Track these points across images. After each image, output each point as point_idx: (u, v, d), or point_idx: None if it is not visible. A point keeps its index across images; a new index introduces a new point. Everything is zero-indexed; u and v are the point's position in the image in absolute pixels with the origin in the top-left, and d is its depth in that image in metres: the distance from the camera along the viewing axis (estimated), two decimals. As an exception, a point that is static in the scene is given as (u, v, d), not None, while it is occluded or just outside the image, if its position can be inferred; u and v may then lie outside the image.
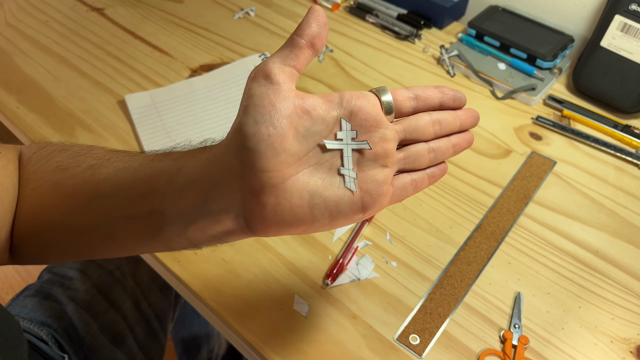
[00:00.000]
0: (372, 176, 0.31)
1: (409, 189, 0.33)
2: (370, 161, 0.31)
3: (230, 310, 0.47)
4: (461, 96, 0.33)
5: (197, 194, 0.31)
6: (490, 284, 0.49)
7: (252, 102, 0.29)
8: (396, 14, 0.81)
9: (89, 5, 0.85)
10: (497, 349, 0.45)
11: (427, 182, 0.33)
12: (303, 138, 0.29)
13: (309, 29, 0.29)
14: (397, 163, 0.32)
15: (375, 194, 0.30)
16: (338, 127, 0.30)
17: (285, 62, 0.29)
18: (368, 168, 0.31)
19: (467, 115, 0.34)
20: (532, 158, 0.61)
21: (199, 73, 0.72)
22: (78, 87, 0.70)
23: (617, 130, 0.63)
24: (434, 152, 0.33)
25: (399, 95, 0.32)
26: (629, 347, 0.45)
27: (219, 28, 0.80)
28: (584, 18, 0.73)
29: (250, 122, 0.28)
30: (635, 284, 0.50)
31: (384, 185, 0.31)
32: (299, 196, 0.29)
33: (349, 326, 0.46)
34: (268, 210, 0.29)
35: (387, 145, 0.31)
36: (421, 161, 0.32)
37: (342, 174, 0.30)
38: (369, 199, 0.30)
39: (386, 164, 0.31)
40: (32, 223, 0.38)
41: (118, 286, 0.65)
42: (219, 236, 0.32)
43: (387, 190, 0.31)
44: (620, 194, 0.57)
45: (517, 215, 0.55)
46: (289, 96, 0.29)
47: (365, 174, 0.31)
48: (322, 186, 0.30)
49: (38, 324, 0.58)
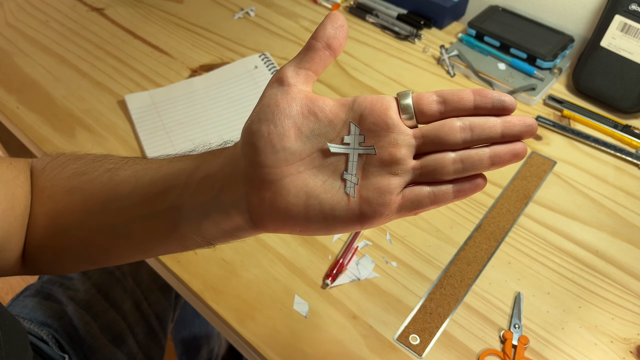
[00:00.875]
0: (376, 184, 0.29)
1: (424, 201, 0.29)
2: (378, 168, 0.29)
3: (230, 310, 0.47)
4: (506, 100, 0.28)
5: (211, 187, 0.32)
6: (490, 284, 0.50)
7: (261, 102, 0.30)
8: (396, 14, 0.81)
9: (89, 5, 0.85)
10: (497, 349, 0.45)
11: (451, 196, 0.29)
12: (307, 139, 0.29)
13: (323, 31, 0.29)
14: (411, 172, 0.29)
15: (375, 203, 0.29)
16: (347, 130, 0.29)
17: (300, 66, 0.30)
18: (373, 175, 0.29)
19: (515, 123, 0.28)
20: (532, 158, 0.61)
21: (199, 73, 0.72)
22: (78, 87, 0.70)
23: (617, 130, 0.63)
24: (461, 162, 0.28)
25: (422, 98, 0.29)
26: (629, 347, 0.45)
27: (219, 28, 0.80)
28: (584, 18, 0.73)
29: (255, 121, 0.29)
30: (635, 284, 0.50)
31: (388, 195, 0.29)
32: (296, 195, 0.29)
33: (349, 326, 0.46)
34: (266, 206, 0.30)
35: (397, 151, 0.28)
36: (443, 172, 0.28)
37: (345, 179, 0.29)
38: (367, 208, 0.29)
39: (396, 172, 0.29)
40: (47, 229, 0.39)
41: (118, 286, 0.66)
42: (231, 231, 0.32)
43: (391, 200, 0.29)
44: (620, 194, 0.57)
45: (517, 215, 0.55)
46: (297, 97, 0.29)
47: (368, 181, 0.29)
48: (322, 188, 0.29)
49: (38, 324, 0.58)
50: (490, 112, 0.29)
